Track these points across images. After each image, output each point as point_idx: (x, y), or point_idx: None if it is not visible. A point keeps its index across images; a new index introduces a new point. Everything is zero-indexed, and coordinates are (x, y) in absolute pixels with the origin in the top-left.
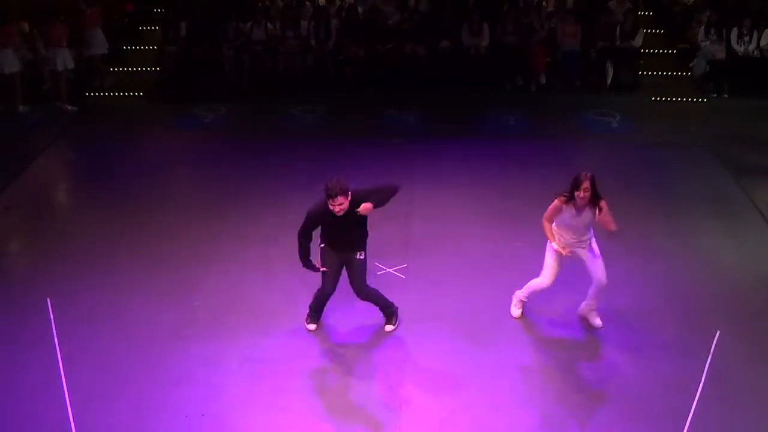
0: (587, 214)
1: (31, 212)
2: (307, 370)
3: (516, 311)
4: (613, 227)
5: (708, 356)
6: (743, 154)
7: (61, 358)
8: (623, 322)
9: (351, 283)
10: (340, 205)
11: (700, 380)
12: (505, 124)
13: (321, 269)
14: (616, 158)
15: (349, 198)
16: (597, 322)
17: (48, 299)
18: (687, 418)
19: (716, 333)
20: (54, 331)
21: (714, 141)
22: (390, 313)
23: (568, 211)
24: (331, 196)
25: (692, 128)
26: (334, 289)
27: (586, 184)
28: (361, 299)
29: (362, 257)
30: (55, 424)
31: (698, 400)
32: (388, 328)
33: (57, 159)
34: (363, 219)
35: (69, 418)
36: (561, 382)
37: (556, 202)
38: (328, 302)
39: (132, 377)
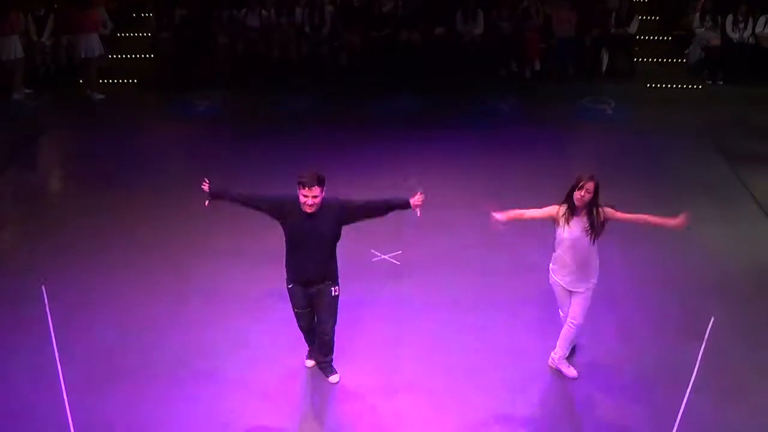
0: (584, 226)
1: (24, 200)
2: (301, 357)
3: (571, 371)
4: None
5: (703, 342)
6: (738, 141)
7: (56, 345)
8: (619, 308)
9: (318, 319)
10: (314, 198)
11: (695, 365)
12: (499, 110)
13: (206, 201)
14: (610, 145)
15: (324, 195)
16: (571, 372)
17: (43, 286)
18: (682, 403)
19: (711, 319)
20: (49, 318)
21: (709, 128)
22: (329, 363)
23: (565, 220)
24: (305, 184)
25: (687, 115)
26: (307, 326)
27: (589, 185)
28: (321, 339)
29: (336, 293)
30: (51, 411)
31: (693, 384)
32: (334, 379)
33: (50, 146)
34: (335, 239)
35: (64, 404)
36: (554, 369)
37: (551, 207)
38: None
39: (126, 364)
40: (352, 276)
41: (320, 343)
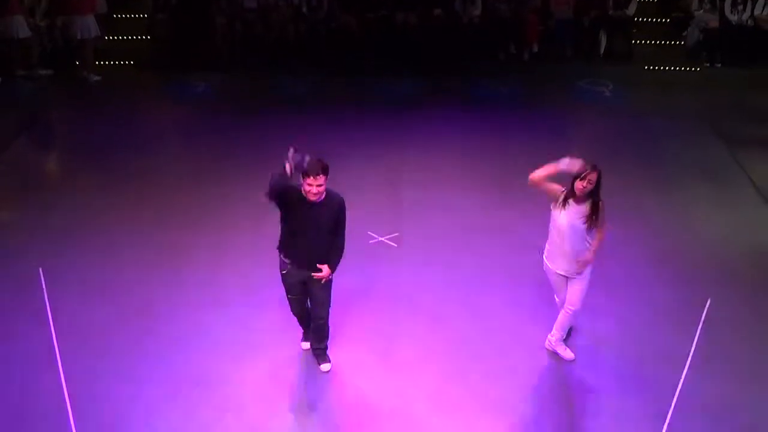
0: (581, 216)
1: (22, 182)
2: (298, 339)
3: (568, 354)
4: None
5: (699, 324)
6: (735, 124)
7: (54, 328)
8: (614, 291)
9: (312, 304)
10: (318, 187)
11: (691, 348)
12: (497, 92)
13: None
14: (608, 127)
15: (326, 184)
16: (568, 354)
17: (40, 269)
18: (677, 387)
19: (707, 301)
20: (46, 300)
21: (706, 110)
22: (324, 351)
23: (563, 205)
24: (310, 173)
25: (685, 97)
26: (300, 311)
27: (592, 176)
28: (316, 323)
29: (330, 276)
30: (49, 392)
31: (689, 368)
32: (325, 367)
33: (48, 128)
34: (333, 230)
35: (62, 385)
36: (551, 351)
37: (558, 186)
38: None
39: (124, 346)
40: (349, 258)
41: (315, 328)
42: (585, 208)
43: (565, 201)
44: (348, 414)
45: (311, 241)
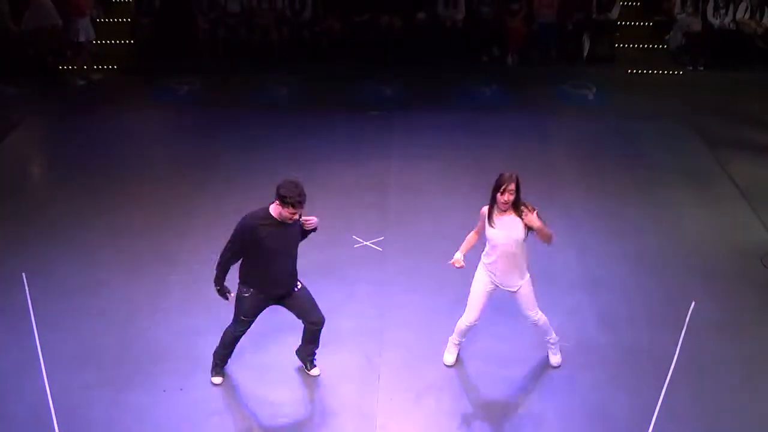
0: (514, 226)
1: (5, 186)
2: (285, 343)
3: (449, 357)
4: (548, 239)
5: (683, 326)
6: (718, 126)
7: (38, 333)
8: (599, 293)
9: (303, 313)
10: (299, 213)
11: (675, 350)
12: (481, 95)
13: (230, 296)
14: (591, 130)
15: None
16: (555, 359)
17: (23, 273)
18: (662, 388)
19: (691, 303)
20: (30, 305)
21: (689, 113)
22: (313, 357)
23: (493, 222)
24: (294, 204)
25: (668, 100)
26: (239, 339)
27: (511, 186)
28: (312, 331)
29: (302, 285)
30: (33, 399)
31: (673, 369)
32: (315, 372)
33: (31, 132)
34: (300, 240)
35: (47, 392)
36: (536, 351)
37: (480, 214)
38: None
39: (109, 351)
40: (334, 263)
41: (312, 337)
42: (514, 217)
43: (490, 218)
44: (335, 419)
45: (284, 264)
